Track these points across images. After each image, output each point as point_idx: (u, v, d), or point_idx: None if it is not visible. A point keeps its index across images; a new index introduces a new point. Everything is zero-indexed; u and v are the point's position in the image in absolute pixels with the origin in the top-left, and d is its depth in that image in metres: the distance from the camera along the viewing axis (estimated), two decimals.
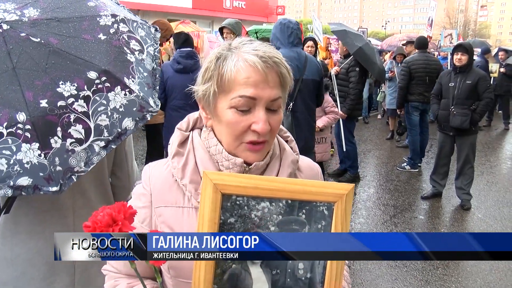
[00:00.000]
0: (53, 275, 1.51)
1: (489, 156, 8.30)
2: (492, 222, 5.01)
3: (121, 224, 0.74)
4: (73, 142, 1.27)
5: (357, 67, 5.95)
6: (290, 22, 3.77)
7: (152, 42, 1.54)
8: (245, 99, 0.93)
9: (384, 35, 47.09)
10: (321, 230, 0.85)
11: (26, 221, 1.46)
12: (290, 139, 1.15)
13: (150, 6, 19.53)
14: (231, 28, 5.47)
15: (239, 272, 0.85)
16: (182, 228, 0.99)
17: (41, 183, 1.24)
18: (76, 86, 1.29)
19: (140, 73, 1.44)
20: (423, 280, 3.69)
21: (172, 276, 1.02)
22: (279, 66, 0.97)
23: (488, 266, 3.94)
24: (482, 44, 14.20)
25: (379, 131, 10.61)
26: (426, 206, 5.52)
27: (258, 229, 0.85)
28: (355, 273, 3.78)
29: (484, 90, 5.05)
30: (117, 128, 1.34)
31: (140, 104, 1.39)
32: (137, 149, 8.02)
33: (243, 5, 23.09)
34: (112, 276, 1.10)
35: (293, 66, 3.62)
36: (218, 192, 0.84)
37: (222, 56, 0.96)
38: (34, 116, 1.23)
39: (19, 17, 1.34)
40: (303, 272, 0.86)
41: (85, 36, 1.38)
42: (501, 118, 11.60)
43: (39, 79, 1.27)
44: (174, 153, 1.04)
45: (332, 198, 0.86)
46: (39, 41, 1.31)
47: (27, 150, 1.22)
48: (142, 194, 1.07)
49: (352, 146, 6.27)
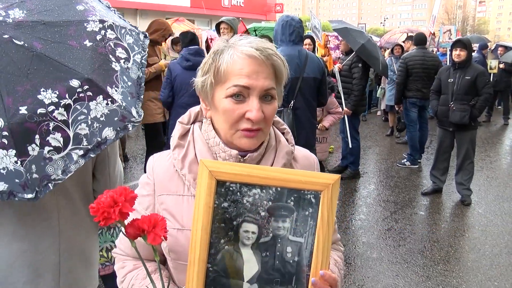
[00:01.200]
0: (38, 277, 1.46)
1: (489, 151, 8.31)
2: (492, 217, 5.02)
3: (121, 205, 0.81)
4: (51, 150, 1.26)
5: (360, 63, 5.97)
6: (293, 20, 3.77)
7: (140, 50, 1.51)
8: (239, 88, 0.99)
9: (383, 31, 47.02)
10: (308, 216, 0.91)
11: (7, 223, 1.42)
12: (286, 131, 1.20)
13: (148, 5, 19.51)
14: (228, 23, 5.46)
15: (232, 252, 0.91)
16: (182, 214, 1.07)
17: (16, 189, 1.22)
18: (57, 94, 1.27)
19: (124, 82, 1.41)
20: (424, 276, 3.70)
21: (172, 259, 1.09)
22: (273, 58, 1.02)
23: (489, 261, 3.95)
24: (480, 39, 14.21)
25: (379, 127, 10.62)
26: (426, 202, 5.53)
27: (249, 213, 0.91)
28: (356, 269, 3.79)
29: (483, 86, 5.06)
30: (97, 137, 1.32)
31: (122, 114, 1.37)
32: (137, 148, 8.02)
33: (241, 3, 23.06)
34: (120, 258, 1.20)
35: (293, 64, 3.66)
36: (213, 179, 0.90)
37: (220, 50, 1.03)
38: (12, 122, 1.21)
39: (3, 18, 1.30)
40: (291, 256, 0.91)
41: (71, 43, 1.35)
42: (500, 113, 11.62)
43: (20, 85, 1.24)
44: (175, 145, 1.12)
45: (319, 187, 0.91)
46: (22, 44, 1.27)
47: (3, 156, 1.21)
48: (146, 183, 1.14)
49: (356, 142, 6.29)
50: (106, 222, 0.81)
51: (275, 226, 0.91)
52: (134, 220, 0.86)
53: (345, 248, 4.16)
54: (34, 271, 1.46)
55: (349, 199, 5.59)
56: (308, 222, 0.91)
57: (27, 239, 1.44)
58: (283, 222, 0.91)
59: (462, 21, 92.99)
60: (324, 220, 0.90)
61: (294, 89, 3.75)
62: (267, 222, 0.91)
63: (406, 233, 4.55)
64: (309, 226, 0.91)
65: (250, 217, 0.91)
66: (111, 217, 0.81)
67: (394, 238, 4.43)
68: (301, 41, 3.90)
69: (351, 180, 6.29)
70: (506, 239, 4.44)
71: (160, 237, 0.84)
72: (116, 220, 0.81)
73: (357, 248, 4.21)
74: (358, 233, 4.58)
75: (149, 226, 0.85)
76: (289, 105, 3.74)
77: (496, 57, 11.79)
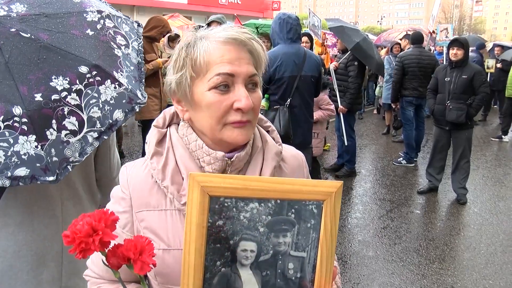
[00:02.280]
0: (41, 266, 1.51)
1: (485, 150, 8.34)
2: (487, 216, 5.04)
3: (101, 234, 0.70)
4: (67, 133, 1.32)
5: (356, 61, 5.97)
6: (290, 18, 3.73)
7: (136, 37, 1.60)
8: (223, 76, 0.90)
9: (380, 30, 47.04)
10: (311, 229, 0.85)
11: (15, 213, 1.47)
12: (271, 129, 1.10)
13: (145, 2, 19.45)
14: (219, 21, 5.39)
15: (229, 275, 0.83)
16: (166, 232, 0.95)
17: (38, 173, 1.28)
18: (68, 80, 1.34)
19: (127, 67, 1.50)
20: (420, 274, 3.70)
21: (160, 283, 0.97)
22: (252, 42, 0.95)
23: (484, 259, 3.97)
24: (476, 40, 14.22)
25: (375, 126, 10.63)
26: (422, 200, 5.54)
27: (247, 230, 0.83)
28: (351, 268, 3.79)
29: (480, 85, 5.07)
30: (109, 120, 1.40)
31: (129, 97, 1.45)
32: (133, 144, 8.00)
33: (238, 0, 23.01)
34: (94, 282, 1.06)
35: (291, 62, 3.65)
36: (206, 195, 0.81)
37: (191, 43, 0.94)
38: (30, 109, 1.27)
39: (7, 12, 1.36)
40: (293, 272, 0.85)
41: (74, 32, 1.43)
42: (496, 112, 11.65)
43: (32, 74, 1.31)
44: (153, 153, 0.99)
45: (321, 197, 0.85)
46: (29, 37, 1.34)
47: (24, 142, 1.27)
48: (121, 198, 1.01)
49: (352, 141, 6.29)
50: (84, 254, 0.70)
51: (276, 242, 0.84)
52: (116, 247, 0.74)
53: (341, 246, 4.17)
54: (38, 260, 1.51)
55: (345, 197, 5.60)
56: (311, 235, 0.85)
57: (32, 229, 1.49)
58: (284, 237, 0.84)
59: (459, 20, 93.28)
60: (327, 232, 0.84)
61: (291, 87, 3.73)
62: (266, 238, 0.83)
63: (402, 232, 4.56)
64: (312, 239, 0.85)
65: (248, 235, 0.83)
66: (90, 248, 0.69)
67: (389, 237, 4.43)
68: (299, 39, 3.87)
69: (347, 178, 6.29)
70: (501, 238, 4.46)
71: (149, 265, 0.74)
72: (96, 251, 0.70)
73: (353, 246, 4.21)
74: (354, 231, 4.58)
75: (135, 253, 0.73)
76: (286, 103, 3.73)
77: (493, 57, 11.80)
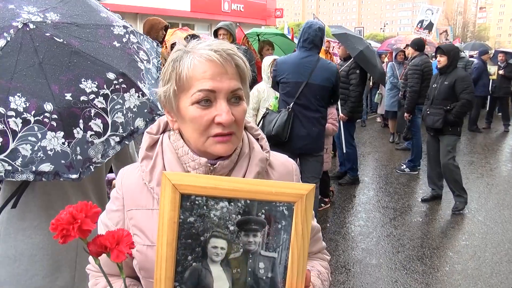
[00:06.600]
0: (56, 272, 1.54)
1: (489, 158, 8.29)
2: (492, 224, 4.99)
3: (80, 222, 0.78)
4: (92, 134, 1.40)
5: (358, 69, 5.95)
6: (310, 28, 3.85)
7: (155, 55, 1.70)
8: (204, 92, 0.95)
9: (382, 37, 47.13)
10: (281, 229, 0.86)
11: (32, 217, 1.50)
12: (260, 137, 1.14)
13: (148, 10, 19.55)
14: (227, 28, 5.37)
15: (200, 270, 0.87)
16: (151, 230, 1.01)
17: (62, 170, 1.34)
18: (96, 84, 1.42)
19: (149, 80, 1.58)
20: (424, 283, 3.66)
21: (143, 277, 1.05)
22: (234, 58, 0.98)
23: (490, 269, 3.92)
24: (482, 46, 14.20)
25: (378, 133, 10.60)
26: (425, 208, 5.50)
27: (218, 228, 0.86)
28: (355, 276, 3.76)
29: (461, 91, 5.03)
30: (130, 126, 1.47)
31: (151, 107, 1.53)
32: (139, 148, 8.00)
33: (241, 8, 23.12)
34: (93, 275, 1.15)
35: (297, 68, 3.73)
36: (177, 192, 0.85)
37: (179, 57, 0.99)
38: (60, 107, 1.35)
39: (43, 19, 1.47)
40: (264, 272, 0.87)
41: (102, 42, 1.53)
42: (500, 120, 11.58)
43: (63, 75, 1.39)
44: (143, 157, 1.07)
45: (292, 198, 0.86)
46: (62, 42, 1.43)
47: (51, 138, 1.33)
48: (115, 198, 1.10)
49: (352, 148, 6.26)
50: (65, 239, 0.78)
51: (246, 241, 0.86)
52: (97, 237, 0.82)
53: (344, 254, 4.14)
54: (53, 264, 1.54)
55: (348, 205, 5.56)
56: (282, 236, 0.86)
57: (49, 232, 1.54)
58: (254, 237, 0.86)
59: (463, 27, 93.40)
60: (298, 233, 0.85)
61: (294, 92, 3.82)
62: (236, 237, 0.86)
63: (405, 240, 4.52)
64: (283, 240, 0.86)
65: (219, 232, 0.86)
66: (70, 234, 0.77)
67: (393, 245, 4.40)
68: (315, 48, 3.93)
69: (350, 186, 6.26)
70: (507, 247, 4.41)
71: (124, 254, 0.81)
72: (76, 237, 0.78)
73: (356, 254, 4.18)
74: (357, 239, 4.54)
75: (111, 243, 0.81)
76: (288, 107, 3.82)
77: (495, 63, 11.75)
